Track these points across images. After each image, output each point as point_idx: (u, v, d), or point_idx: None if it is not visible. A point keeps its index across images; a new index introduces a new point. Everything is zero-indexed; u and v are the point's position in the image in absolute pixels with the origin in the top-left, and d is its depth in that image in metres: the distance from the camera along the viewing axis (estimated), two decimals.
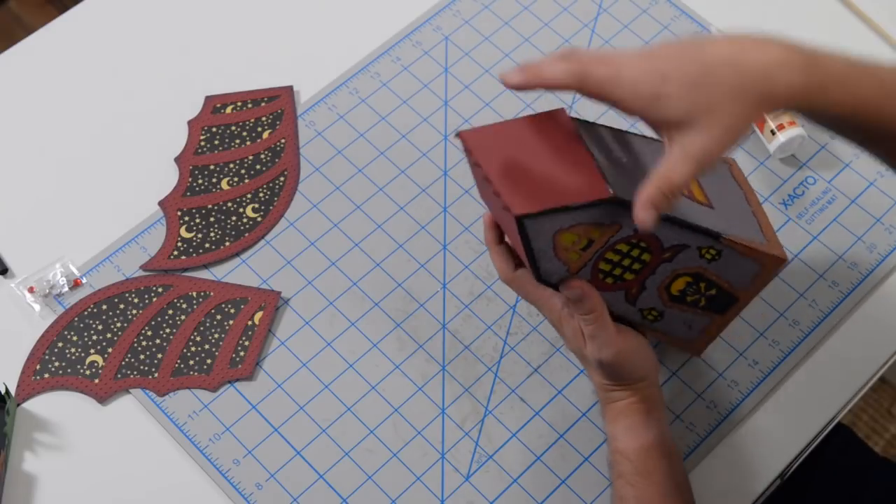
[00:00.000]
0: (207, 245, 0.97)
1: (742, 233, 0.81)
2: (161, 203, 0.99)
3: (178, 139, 1.03)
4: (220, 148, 1.02)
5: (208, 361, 0.92)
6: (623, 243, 0.77)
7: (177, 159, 1.02)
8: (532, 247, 0.75)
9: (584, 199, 0.72)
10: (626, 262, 0.79)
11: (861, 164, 1.01)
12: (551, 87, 0.72)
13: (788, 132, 1.00)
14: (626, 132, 0.81)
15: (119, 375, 0.91)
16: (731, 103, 0.68)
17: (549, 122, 0.77)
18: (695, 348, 0.89)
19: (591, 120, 0.82)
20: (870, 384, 0.93)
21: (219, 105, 1.04)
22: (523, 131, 0.76)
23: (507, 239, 0.81)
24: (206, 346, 0.93)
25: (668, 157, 0.70)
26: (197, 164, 1.01)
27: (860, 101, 0.71)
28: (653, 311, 0.84)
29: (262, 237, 0.98)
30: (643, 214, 0.70)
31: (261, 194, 1.00)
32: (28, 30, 1.22)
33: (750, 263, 0.81)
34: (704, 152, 0.69)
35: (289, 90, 1.05)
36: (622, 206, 0.72)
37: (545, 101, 1.04)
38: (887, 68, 0.73)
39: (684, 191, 0.75)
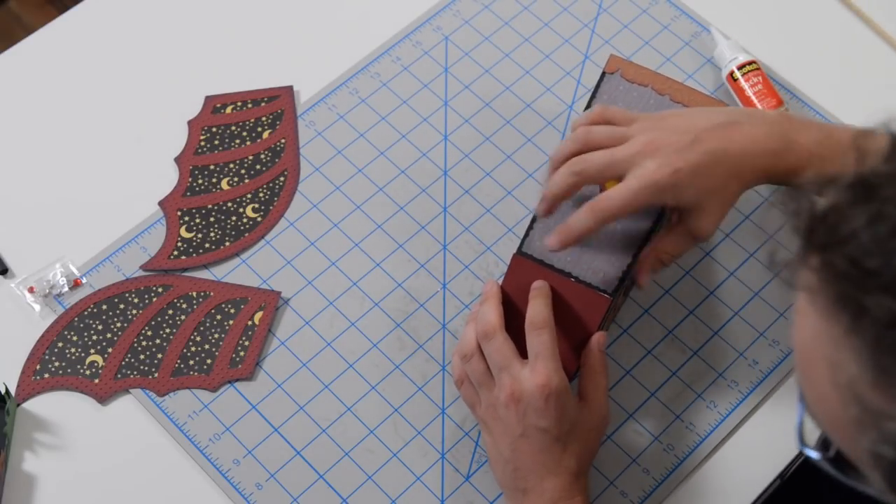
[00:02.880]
0: (207, 245, 0.97)
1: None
2: (161, 203, 0.99)
3: (178, 139, 1.03)
4: (220, 148, 1.02)
5: (208, 361, 0.92)
6: None
7: (177, 159, 1.02)
8: None
9: (599, 319, 0.84)
10: None
11: None
12: (586, 236, 0.82)
13: None
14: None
15: (119, 375, 0.91)
16: (729, 184, 0.81)
17: (518, 272, 0.85)
18: None
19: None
20: None
21: (219, 105, 1.04)
22: (509, 298, 0.85)
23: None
24: (206, 346, 0.93)
25: (673, 234, 0.84)
26: (197, 164, 1.01)
27: None
28: None
29: (262, 237, 0.98)
30: (644, 279, 0.85)
31: (261, 194, 1.00)
32: (28, 30, 1.22)
33: None
34: (704, 230, 0.83)
35: (289, 90, 1.05)
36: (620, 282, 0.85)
37: (545, 101, 1.04)
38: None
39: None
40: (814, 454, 0.61)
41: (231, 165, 1.01)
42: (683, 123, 0.82)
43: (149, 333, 0.93)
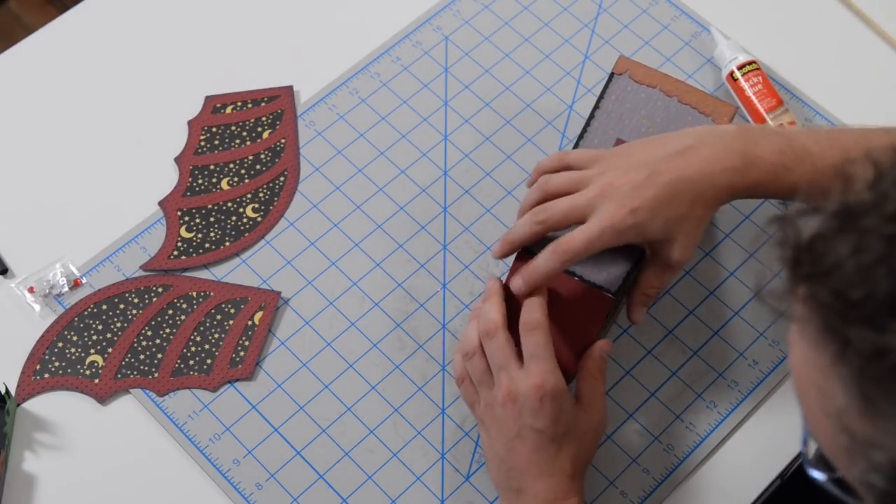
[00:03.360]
0: (207, 245, 0.97)
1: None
2: (161, 203, 0.99)
3: (178, 139, 1.03)
4: (220, 148, 1.02)
5: (208, 361, 0.92)
6: None
7: (177, 159, 1.02)
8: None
9: (602, 318, 0.84)
10: None
11: None
12: (551, 276, 0.82)
13: None
14: None
15: (119, 375, 0.91)
16: (694, 209, 0.81)
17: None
18: None
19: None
20: None
21: (219, 105, 1.04)
22: (512, 296, 0.84)
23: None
24: (206, 346, 0.93)
25: (652, 267, 0.84)
26: (197, 164, 1.01)
27: (794, 186, 0.82)
28: None
29: (262, 237, 0.98)
30: (637, 316, 0.87)
31: (261, 194, 1.00)
32: (28, 30, 1.22)
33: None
34: (679, 259, 0.82)
35: (289, 90, 1.05)
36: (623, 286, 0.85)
37: (545, 101, 1.04)
38: (817, 151, 0.82)
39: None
40: (819, 475, 0.61)
41: (231, 165, 1.01)
42: (640, 157, 0.82)
43: (149, 333, 0.93)
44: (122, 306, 0.94)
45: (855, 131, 0.85)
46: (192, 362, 0.92)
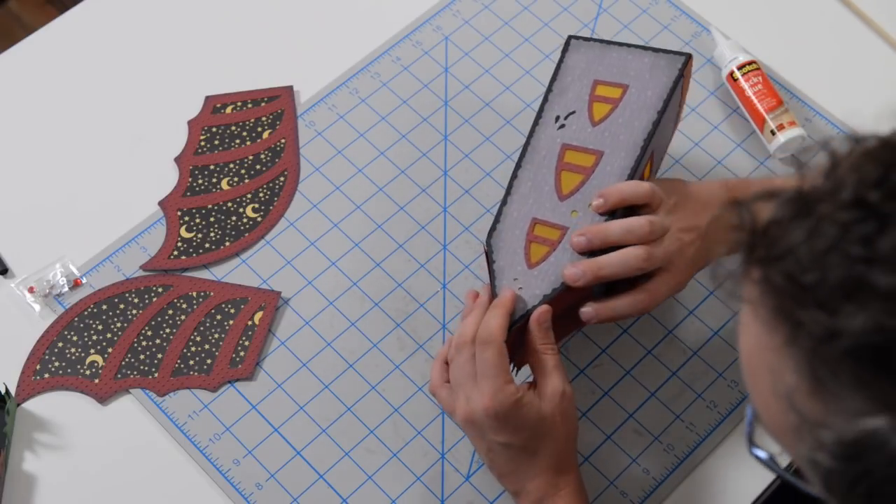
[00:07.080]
0: (207, 245, 0.97)
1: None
2: (161, 203, 0.99)
3: (178, 139, 1.03)
4: (220, 148, 1.02)
5: (208, 361, 0.92)
6: None
7: (177, 159, 1.02)
8: None
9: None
10: None
11: None
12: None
13: (788, 132, 1.00)
14: None
15: (119, 375, 0.91)
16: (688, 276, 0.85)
17: None
18: None
19: None
20: None
21: (219, 105, 1.04)
22: None
23: None
24: (206, 346, 0.93)
25: (641, 293, 0.83)
26: (197, 164, 1.01)
27: None
28: None
29: (262, 237, 0.98)
30: (589, 318, 0.83)
31: (261, 194, 1.00)
32: (28, 30, 1.22)
33: None
34: (669, 291, 0.84)
35: (289, 90, 1.05)
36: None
37: None
38: None
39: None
40: (762, 454, 0.63)
41: (231, 165, 1.01)
42: (693, 218, 0.85)
43: (149, 333, 0.93)
44: (122, 306, 0.94)
45: None
46: (192, 362, 0.92)
